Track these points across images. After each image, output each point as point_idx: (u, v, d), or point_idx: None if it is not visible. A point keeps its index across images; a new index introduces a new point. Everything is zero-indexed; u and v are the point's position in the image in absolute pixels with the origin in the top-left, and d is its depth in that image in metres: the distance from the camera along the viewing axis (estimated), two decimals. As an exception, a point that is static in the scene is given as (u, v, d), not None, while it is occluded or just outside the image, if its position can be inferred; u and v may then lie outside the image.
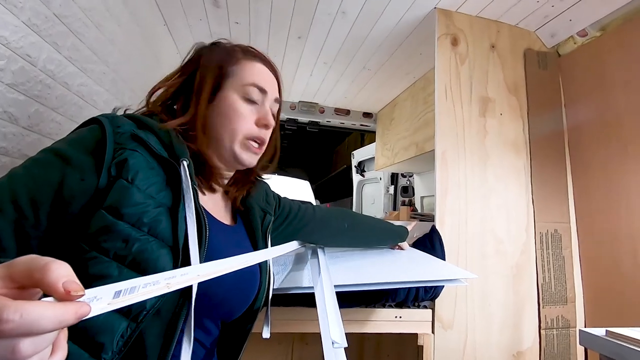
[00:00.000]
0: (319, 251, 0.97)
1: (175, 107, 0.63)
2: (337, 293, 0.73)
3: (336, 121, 2.47)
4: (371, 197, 3.37)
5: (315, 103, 2.36)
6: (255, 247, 0.68)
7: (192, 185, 0.52)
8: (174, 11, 1.38)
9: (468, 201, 1.24)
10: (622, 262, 1.14)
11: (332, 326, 0.60)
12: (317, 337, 0.59)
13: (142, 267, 0.45)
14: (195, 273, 0.44)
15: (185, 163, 0.53)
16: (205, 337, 0.58)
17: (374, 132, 2.52)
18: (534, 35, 1.38)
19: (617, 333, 0.64)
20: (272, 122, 0.65)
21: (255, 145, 0.64)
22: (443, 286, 1.10)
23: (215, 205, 0.65)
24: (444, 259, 1.15)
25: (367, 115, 2.49)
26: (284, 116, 2.40)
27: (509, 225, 1.25)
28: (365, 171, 3.46)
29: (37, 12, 0.79)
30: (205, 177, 0.62)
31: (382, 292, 1.03)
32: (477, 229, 1.23)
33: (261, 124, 0.63)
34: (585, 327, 1.24)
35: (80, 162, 0.47)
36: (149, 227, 0.47)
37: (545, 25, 1.32)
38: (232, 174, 0.69)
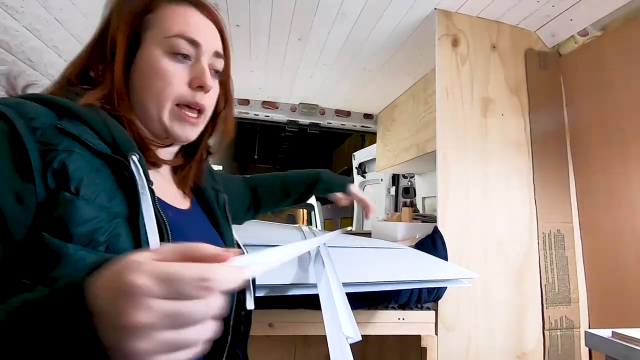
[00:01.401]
0: (321, 246, 0.97)
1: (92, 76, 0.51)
2: None
3: (337, 123, 2.47)
4: (372, 198, 3.37)
5: (315, 105, 2.36)
6: (219, 230, 0.59)
7: (148, 186, 0.43)
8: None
9: (470, 202, 1.23)
10: (626, 261, 1.13)
11: (344, 321, 0.59)
12: (320, 339, 0.59)
13: None
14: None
15: (135, 158, 0.43)
16: None
17: (374, 134, 2.52)
18: (534, 35, 1.38)
19: (623, 334, 0.63)
20: (210, 83, 0.51)
21: (191, 113, 0.51)
22: (446, 287, 1.09)
23: (165, 186, 0.55)
24: (446, 259, 1.14)
25: (367, 116, 2.49)
26: (284, 118, 2.40)
27: (511, 225, 1.25)
28: (366, 172, 3.45)
29: (38, 17, 0.79)
30: (145, 157, 0.49)
31: (384, 293, 1.02)
32: (479, 229, 1.22)
33: (195, 84, 0.50)
34: (589, 327, 1.23)
35: (2, 179, 0.36)
36: (107, 245, 0.38)
37: (546, 25, 1.32)
38: (175, 149, 0.57)
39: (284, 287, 0.75)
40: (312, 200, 5.60)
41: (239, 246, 0.62)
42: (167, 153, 0.55)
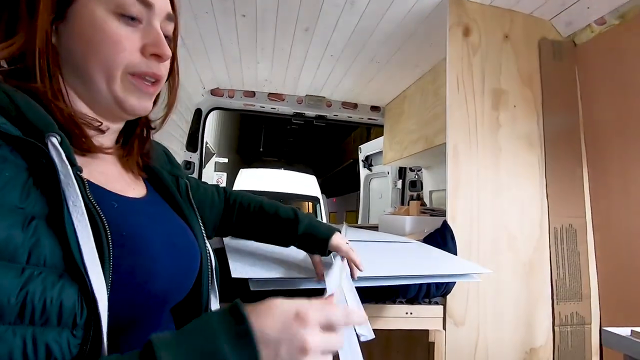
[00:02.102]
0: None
1: None
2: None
3: (343, 115, 2.44)
4: (378, 191, 3.35)
5: (322, 97, 2.33)
6: (184, 217, 0.54)
7: (74, 173, 0.35)
8: (180, 4, 1.36)
9: (480, 196, 1.21)
10: (639, 257, 1.11)
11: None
12: None
13: (42, 317, 0.30)
14: None
15: (55, 140, 0.34)
16: (163, 329, 0.46)
17: (381, 126, 2.49)
18: (548, 24, 1.33)
19: (641, 333, 0.62)
20: (167, 51, 0.45)
21: (148, 82, 0.45)
22: (455, 282, 1.08)
23: (109, 172, 0.46)
24: (455, 254, 1.13)
25: (374, 108, 2.45)
26: (290, 110, 2.37)
27: (522, 220, 1.23)
28: (372, 165, 3.43)
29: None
30: (74, 141, 0.40)
31: (392, 288, 1.01)
32: (489, 224, 1.20)
33: (149, 52, 0.44)
34: (600, 324, 1.21)
35: None
36: (27, 255, 0.30)
37: (561, 14, 1.28)
38: (116, 129, 0.49)
39: (291, 281, 0.74)
40: (318, 193, 5.60)
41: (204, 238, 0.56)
42: (106, 139, 0.47)
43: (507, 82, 1.28)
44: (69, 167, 0.34)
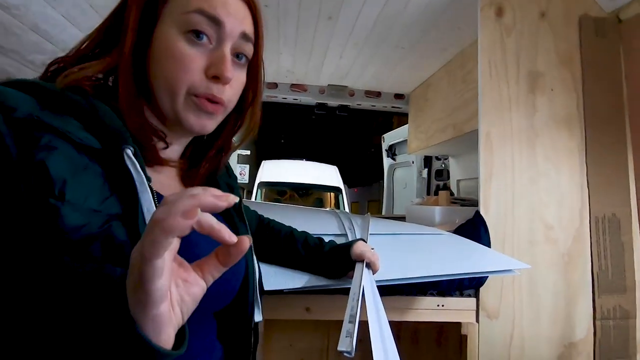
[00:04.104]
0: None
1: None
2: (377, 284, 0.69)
3: (367, 104, 2.40)
4: (403, 181, 3.30)
5: (344, 86, 2.29)
6: (235, 229, 0.54)
7: (147, 183, 0.38)
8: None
9: (515, 185, 1.16)
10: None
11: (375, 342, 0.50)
12: None
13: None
14: None
15: (129, 152, 0.37)
16: (204, 338, 0.48)
17: (405, 114, 2.43)
18: (590, -1, 1.24)
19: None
20: (229, 74, 0.43)
21: (210, 103, 0.45)
22: (488, 276, 1.05)
23: (168, 183, 0.48)
24: (489, 246, 1.09)
25: (398, 96, 2.39)
26: (312, 101, 2.35)
27: (560, 210, 1.17)
28: (396, 155, 3.37)
29: (74, 4, 0.79)
30: (144, 153, 0.43)
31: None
32: (525, 214, 1.15)
33: (211, 74, 0.43)
34: (646, 318, 1.15)
35: None
36: (102, 252, 0.34)
37: (605, -12, 1.19)
38: (181, 146, 0.51)
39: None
40: (340, 184, 5.59)
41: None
42: (171, 152, 0.49)
43: (544, 64, 1.21)
44: (143, 176, 0.38)
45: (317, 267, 0.75)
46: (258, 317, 0.56)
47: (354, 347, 0.46)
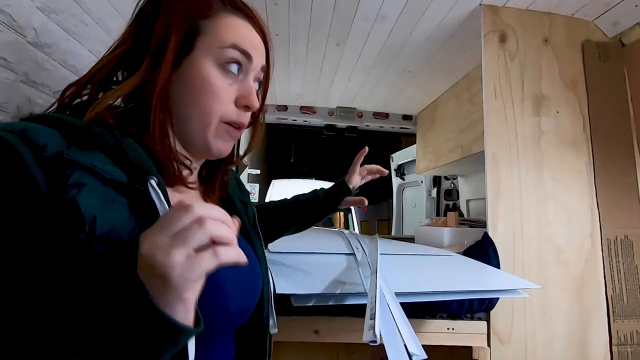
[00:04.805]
0: (378, 257, 0.94)
1: (116, 78, 0.46)
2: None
3: (375, 125, 2.44)
4: (412, 201, 3.29)
5: (353, 108, 2.35)
6: (251, 244, 0.57)
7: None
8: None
9: (523, 206, 1.16)
10: None
11: (406, 337, 0.56)
12: (363, 346, 0.57)
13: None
14: None
15: (153, 182, 0.39)
16: (224, 355, 0.49)
17: (413, 135, 2.46)
18: (592, 25, 1.27)
19: None
20: (256, 104, 0.48)
21: (235, 128, 0.48)
22: (498, 297, 1.04)
23: (188, 201, 0.52)
24: (498, 267, 1.08)
25: (406, 117, 2.43)
26: (321, 122, 2.41)
27: (570, 231, 1.16)
28: (405, 174, 3.38)
29: (100, 41, 0.85)
30: (169, 178, 0.45)
31: (432, 302, 0.99)
32: (534, 236, 1.15)
33: (241, 104, 0.47)
34: (666, 344, 1.11)
35: (13, 220, 0.32)
36: None
37: (606, 14, 1.21)
38: (198, 165, 0.54)
39: (334, 297, 0.74)
40: (349, 203, 5.56)
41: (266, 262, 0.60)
42: (192, 175, 0.52)
43: (549, 87, 1.23)
44: (166, 206, 0.39)
45: (318, 211, 0.84)
46: (273, 329, 0.57)
47: (378, 336, 0.51)
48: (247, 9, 0.49)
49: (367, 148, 0.86)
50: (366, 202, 0.84)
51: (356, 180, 0.85)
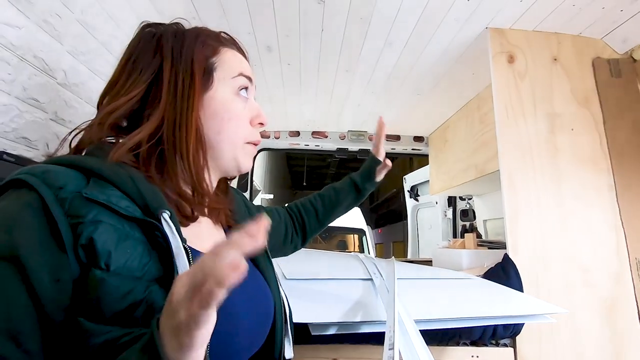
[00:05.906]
0: (395, 282, 0.93)
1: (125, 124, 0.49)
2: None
3: (387, 147, 2.44)
4: (427, 222, 3.24)
5: (364, 131, 2.37)
6: (258, 268, 0.57)
7: (182, 245, 0.40)
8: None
9: (543, 225, 1.13)
10: None
11: None
12: None
13: None
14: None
15: (166, 216, 0.40)
16: None
17: (426, 156, 2.46)
18: (601, 42, 1.28)
19: None
20: (267, 120, 0.55)
21: (253, 145, 0.54)
22: (523, 323, 0.99)
23: (198, 230, 0.50)
24: (521, 291, 1.05)
25: (418, 139, 2.44)
26: (333, 146, 2.43)
27: (595, 251, 1.12)
28: (419, 195, 3.35)
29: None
30: (184, 211, 0.47)
31: (455, 328, 0.96)
32: (557, 256, 1.11)
33: (256, 122, 0.54)
34: None
35: (37, 257, 0.34)
36: (144, 315, 0.36)
37: (615, 31, 1.22)
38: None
39: (352, 325, 0.73)
40: (363, 225, 5.52)
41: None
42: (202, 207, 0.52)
43: (561, 105, 1.22)
44: (178, 239, 0.40)
45: (358, 194, 0.88)
46: (289, 353, 0.55)
47: None
48: (232, 39, 0.55)
49: (382, 118, 0.89)
50: (390, 163, 0.90)
51: (382, 150, 0.90)
